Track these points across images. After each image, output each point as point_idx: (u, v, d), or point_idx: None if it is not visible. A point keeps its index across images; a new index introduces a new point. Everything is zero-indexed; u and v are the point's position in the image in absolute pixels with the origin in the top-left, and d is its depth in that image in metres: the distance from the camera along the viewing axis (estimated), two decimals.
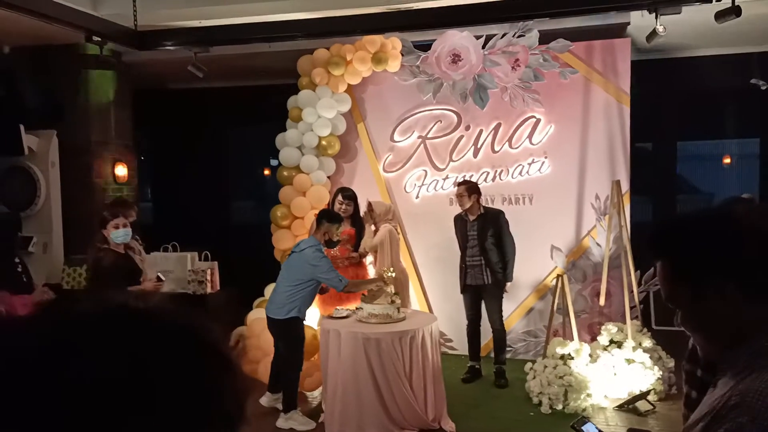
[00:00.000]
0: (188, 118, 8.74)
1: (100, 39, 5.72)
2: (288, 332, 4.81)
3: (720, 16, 4.82)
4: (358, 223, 5.90)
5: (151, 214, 9.37)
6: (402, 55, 6.36)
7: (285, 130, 6.53)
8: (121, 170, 7.24)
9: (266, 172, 9.55)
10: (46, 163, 6.60)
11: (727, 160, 8.17)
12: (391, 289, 4.94)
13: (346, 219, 5.65)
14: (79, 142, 6.81)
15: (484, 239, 5.56)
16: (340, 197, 5.78)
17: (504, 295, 5.73)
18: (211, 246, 6.67)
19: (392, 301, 4.86)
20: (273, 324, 4.87)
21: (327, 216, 5.00)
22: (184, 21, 6.13)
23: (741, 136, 7.99)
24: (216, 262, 6.40)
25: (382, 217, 5.98)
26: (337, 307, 5.33)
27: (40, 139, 6.58)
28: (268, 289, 5.81)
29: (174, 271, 6.30)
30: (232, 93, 8.38)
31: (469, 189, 5.59)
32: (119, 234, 4.56)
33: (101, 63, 6.32)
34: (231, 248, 7.20)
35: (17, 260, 4.55)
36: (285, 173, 6.52)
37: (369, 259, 6.10)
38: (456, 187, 5.80)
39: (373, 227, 6.03)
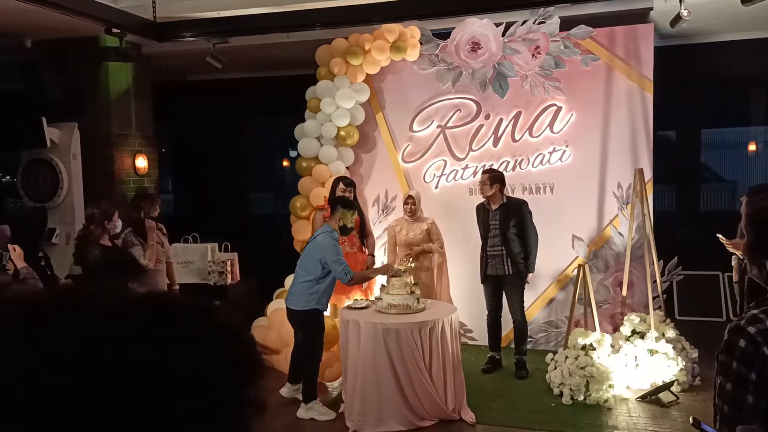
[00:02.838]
0: (207, 109, 8.78)
1: (119, 31, 5.76)
2: (307, 323, 4.82)
3: None
4: (359, 210, 5.84)
5: (172, 205, 9.45)
6: (421, 43, 6.32)
7: (304, 120, 6.52)
8: (142, 162, 7.30)
9: (285, 163, 9.57)
10: (68, 156, 6.68)
11: (753, 148, 8.00)
12: (410, 279, 4.92)
13: None
14: (100, 134, 6.88)
15: (506, 229, 5.51)
16: (341, 185, 5.72)
17: (525, 286, 5.68)
18: (232, 237, 6.71)
19: (411, 292, 4.84)
20: (292, 315, 4.88)
21: (342, 202, 4.97)
22: (203, 12, 6.15)
23: (767, 123, 7.82)
24: (236, 253, 6.44)
25: (419, 207, 5.95)
26: (356, 298, 5.33)
27: (61, 132, 6.66)
28: (288, 280, 5.83)
29: (195, 262, 6.36)
30: (251, 84, 8.39)
31: (492, 178, 5.53)
32: (120, 224, 4.64)
33: (121, 55, 6.36)
34: (251, 239, 7.23)
35: (41, 254, 4.61)
36: (304, 164, 6.52)
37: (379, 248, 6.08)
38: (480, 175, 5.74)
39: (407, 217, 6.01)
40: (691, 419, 1.55)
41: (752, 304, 1.69)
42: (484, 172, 5.72)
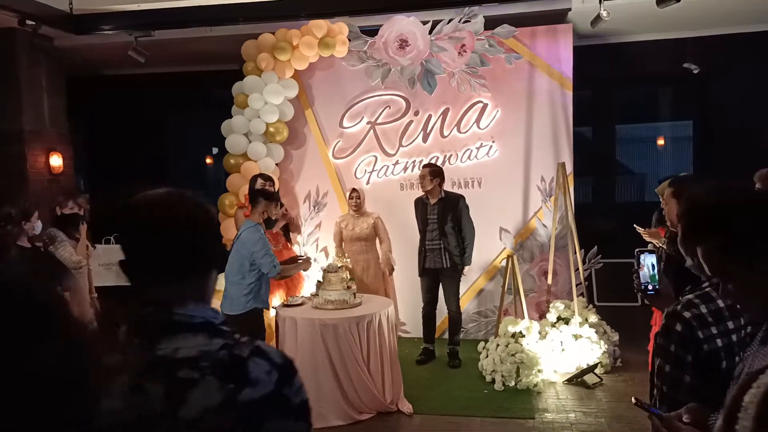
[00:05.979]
0: (126, 105, 8.44)
1: (34, 23, 5.45)
2: (248, 327, 4.68)
3: (662, 1, 5.00)
4: (282, 205, 5.79)
5: (89, 205, 9.00)
6: (349, 40, 6.32)
7: (230, 116, 6.39)
8: (56, 160, 6.95)
9: (209, 160, 9.35)
10: None
11: (661, 142, 8.51)
12: (346, 275, 4.95)
13: None
14: (10, 130, 6.49)
15: (444, 223, 5.60)
16: (260, 180, 5.66)
17: (461, 278, 5.80)
18: None
19: (348, 287, 4.87)
20: (232, 321, 4.74)
21: (263, 194, 4.80)
22: (122, 4, 5.91)
23: (675, 118, 8.34)
24: None
25: (363, 201, 5.94)
26: (292, 296, 5.29)
27: None
28: (219, 279, 5.69)
29: (118, 264, 6.11)
30: (174, 79, 8.13)
31: (432, 172, 5.61)
32: (40, 225, 4.43)
33: (34, 48, 6.00)
34: None
35: None
36: (232, 161, 6.39)
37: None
38: (420, 169, 5.77)
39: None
40: (633, 399, 1.61)
41: (687, 289, 1.80)
42: (424, 166, 5.77)
